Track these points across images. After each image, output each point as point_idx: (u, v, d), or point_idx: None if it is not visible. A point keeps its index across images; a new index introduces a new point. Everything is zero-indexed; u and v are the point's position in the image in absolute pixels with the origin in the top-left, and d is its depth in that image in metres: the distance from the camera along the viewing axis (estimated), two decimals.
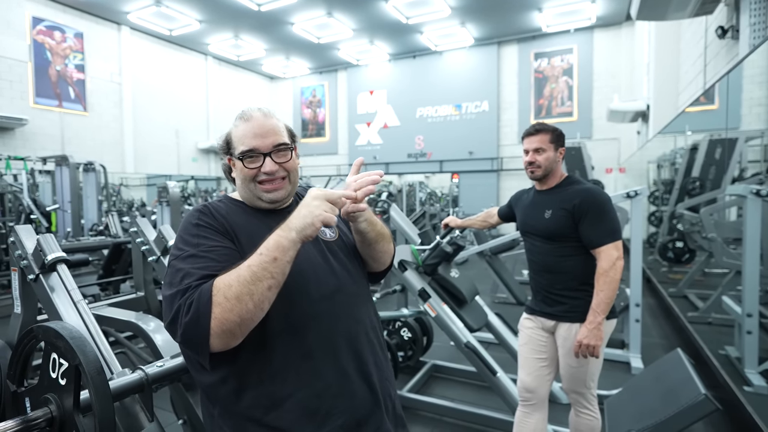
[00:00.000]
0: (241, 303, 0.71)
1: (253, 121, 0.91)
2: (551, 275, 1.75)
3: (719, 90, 3.62)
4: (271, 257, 0.73)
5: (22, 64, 8.85)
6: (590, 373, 1.71)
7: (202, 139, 12.98)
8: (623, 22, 10.46)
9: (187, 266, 0.79)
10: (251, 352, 0.81)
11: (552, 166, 1.75)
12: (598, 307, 1.60)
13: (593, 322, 1.59)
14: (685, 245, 4.65)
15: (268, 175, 0.90)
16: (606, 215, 1.64)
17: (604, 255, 1.61)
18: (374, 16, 10.14)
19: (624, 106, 8.38)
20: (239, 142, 0.91)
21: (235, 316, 0.71)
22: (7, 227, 5.02)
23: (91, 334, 1.29)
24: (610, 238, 1.62)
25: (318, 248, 0.94)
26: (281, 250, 0.74)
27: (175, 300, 0.75)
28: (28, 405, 0.89)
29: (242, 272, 0.73)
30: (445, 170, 12.78)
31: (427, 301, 2.39)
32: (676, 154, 5.64)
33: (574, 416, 1.80)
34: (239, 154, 0.90)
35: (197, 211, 0.88)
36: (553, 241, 1.73)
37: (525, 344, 1.84)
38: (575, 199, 1.67)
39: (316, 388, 0.83)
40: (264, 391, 0.81)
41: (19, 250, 1.54)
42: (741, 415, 2.22)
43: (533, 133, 1.75)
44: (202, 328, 0.72)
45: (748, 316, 2.58)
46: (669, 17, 4.68)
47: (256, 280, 0.72)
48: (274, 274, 0.73)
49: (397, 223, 2.93)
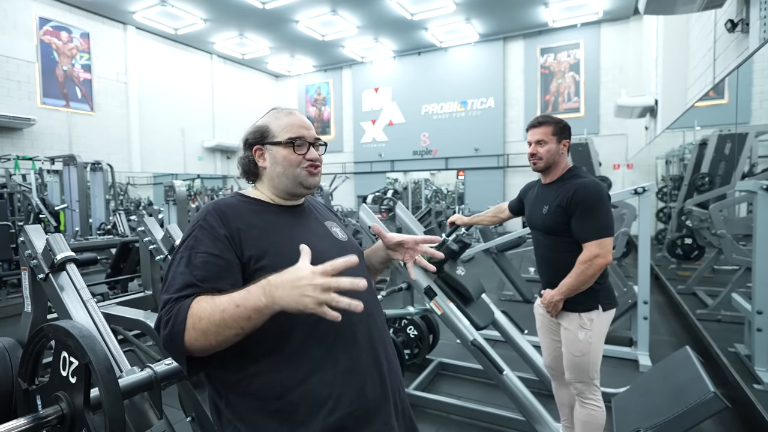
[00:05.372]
0: (206, 338, 0.75)
1: (297, 116, 1.00)
2: (550, 268, 1.81)
3: (729, 84, 3.58)
4: (246, 315, 0.73)
5: (29, 65, 8.92)
6: (592, 362, 1.74)
7: (208, 137, 13.04)
8: (631, 16, 10.34)
9: (176, 271, 0.83)
10: (267, 340, 0.83)
11: (554, 158, 1.76)
12: (562, 287, 1.70)
13: (554, 296, 1.71)
14: (694, 242, 4.60)
15: (313, 161, 0.97)
16: (595, 211, 1.65)
17: (586, 250, 1.65)
18: (379, 12, 10.11)
19: (632, 101, 8.30)
20: (285, 130, 0.97)
21: (200, 345, 0.75)
22: (16, 227, 5.08)
23: (101, 333, 1.30)
24: (595, 235, 1.64)
25: (335, 244, 0.99)
26: (257, 313, 0.73)
27: (161, 309, 0.80)
28: (39, 403, 0.90)
29: (215, 313, 0.74)
30: (451, 167, 12.73)
31: (433, 298, 2.38)
32: (684, 149, 5.58)
33: (579, 408, 1.81)
34: (288, 139, 0.96)
35: (205, 211, 0.90)
36: (550, 236, 1.78)
37: (540, 328, 1.96)
38: (569, 194, 1.68)
39: (327, 376, 0.84)
40: (277, 377, 0.83)
41: (29, 250, 1.56)
42: (750, 413, 2.20)
43: (536, 125, 1.77)
44: (177, 345, 0.76)
45: (759, 314, 2.55)
46: (678, 11, 4.62)
47: (226, 327, 0.74)
48: (244, 328, 0.74)
49: (402, 220, 2.92)
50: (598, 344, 1.73)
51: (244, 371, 0.83)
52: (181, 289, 0.79)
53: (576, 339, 1.72)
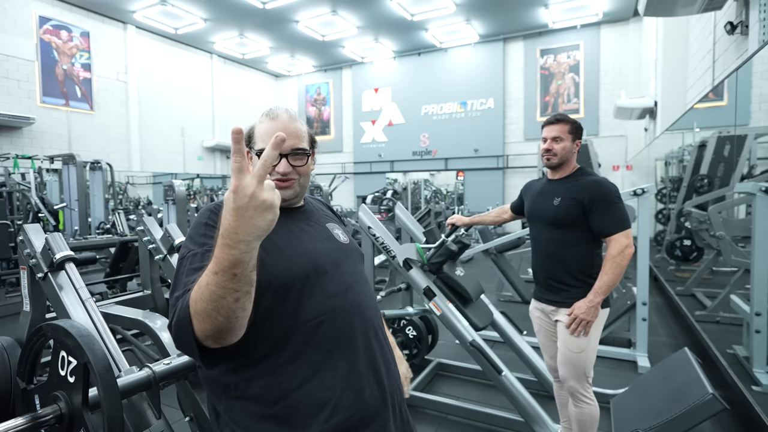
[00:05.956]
0: (211, 317, 0.68)
1: (278, 122, 0.94)
2: (552, 261, 1.82)
3: (728, 86, 3.58)
4: (229, 274, 0.65)
5: (29, 64, 8.91)
6: (588, 359, 1.75)
7: (208, 137, 13.03)
8: (630, 18, 10.36)
9: (185, 269, 0.81)
10: (266, 342, 0.83)
11: (567, 156, 1.81)
12: (600, 289, 1.68)
13: (592, 300, 1.68)
14: (692, 243, 4.61)
15: (281, 175, 0.92)
16: (616, 206, 1.71)
17: (614, 243, 1.68)
18: (379, 13, 10.11)
19: (631, 102, 8.31)
20: (261, 138, 0.94)
21: (210, 326, 0.69)
22: (15, 226, 5.07)
23: (99, 332, 1.30)
24: (621, 227, 1.68)
25: (335, 246, 0.98)
26: (236, 265, 0.65)
27: (171, 306, 0.78)
28: (37, 402, 0.90)
29: (204, 291, 0.68)
30: (450, 168, 12.74)
31: (432, 299, 2.38)
32: (684, 151, 5.58)
33: (573, 407, 1.81)
34: (258, 150, 0.93)
35: (209, 210, 0.90)
36: (558, 228, 1.79)
37: (538, 331, 1.96)
38: (586, 190, 1.73)
39: (326, 381, 0.84)
40: (275, 381, 0.82)
41: (27, 249, 1.56)
42: (749, 415, 2.20)
43: (554, 122, 1.81)
44: (186, 336, 0.72)
45: (757, 315, 2.56)
46: (677, 13, 4.63)
47: (220, 298, 0.67)
48: (238, 289, 0.67)
49: (401, 221, 2.92)
50: (594, 341, 1.75)
51: (242, 374, 0.83)
52: (185, 285, 0.78)
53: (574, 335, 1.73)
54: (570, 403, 1.82)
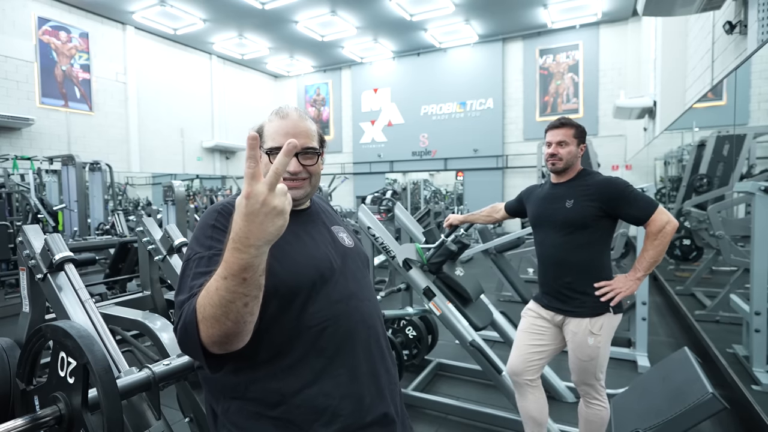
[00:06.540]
0: (220, 322, 0.68)
1: (288, 120, 0.93)
2: (561, 268, 1.77)
3: (727, 86, 3.58)
4: (239, 279, 0.65)
5: (28, 65, 8.90)
6: (599, 365, 1.74)
7: (207, 138, 13.02)
8: (629, 17, 10.36)
9: (191, 272, 0.80)
10: (269, 346, 0.82)
11: (573, 160, 1.78)
12: (641, 264, 1.67)
13: (633, 277, 1.67)
14: (692, 243, 4.61)
15: (291, 175, 0.91)
16: (634, 193, 1.70)
17: (652, 223, 1.65)
18: (378, 13, 10.11)
19: (630, 102, 8.31)
20: (270, 137, 0.92)
21: (218, 331, 0.69)
22: (15, 227, 5.06)
23: (99, 333, 1.30)
24: (652, 207, 1.67)
25: (340, 250, 0.97)
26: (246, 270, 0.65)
27: (177, 310, 0.77)
28: (37, 403, 0.90)
29: (213, 296, 0.68)
30: (450, 168, 12.74)
31: (432, 299, 2.38)
32: (683, 150, 5.59)
33: (583, 407, 1.82)
34: (267, 149, 0.91)
35: (215, 211, 0.89)
36: (569, 232, 1.75)
37: (523, 330, 1.89)
38: (601, 191, 1.71)
39: (326, 388, 0.84)
40: (275, 385, 0.82)
41: (27, 250, 1.55)
42: (749, 414, 2.21)
43: (558, 126, 1.78)
44: (192, 342, 0.71)
45: (757, 314, 2.56)
46: (676, 13, 4.63)
47: (229, 302, 0.67)
48: (247, 294, 0.67)
49: (401, 221, 2.92)
50: (606, 348, 1.73)
51: (243, 376, 0.83)
52: (191, 288, 0.77)
53: (585, 344, 1.70)
54: (581, 401, 1.84)
